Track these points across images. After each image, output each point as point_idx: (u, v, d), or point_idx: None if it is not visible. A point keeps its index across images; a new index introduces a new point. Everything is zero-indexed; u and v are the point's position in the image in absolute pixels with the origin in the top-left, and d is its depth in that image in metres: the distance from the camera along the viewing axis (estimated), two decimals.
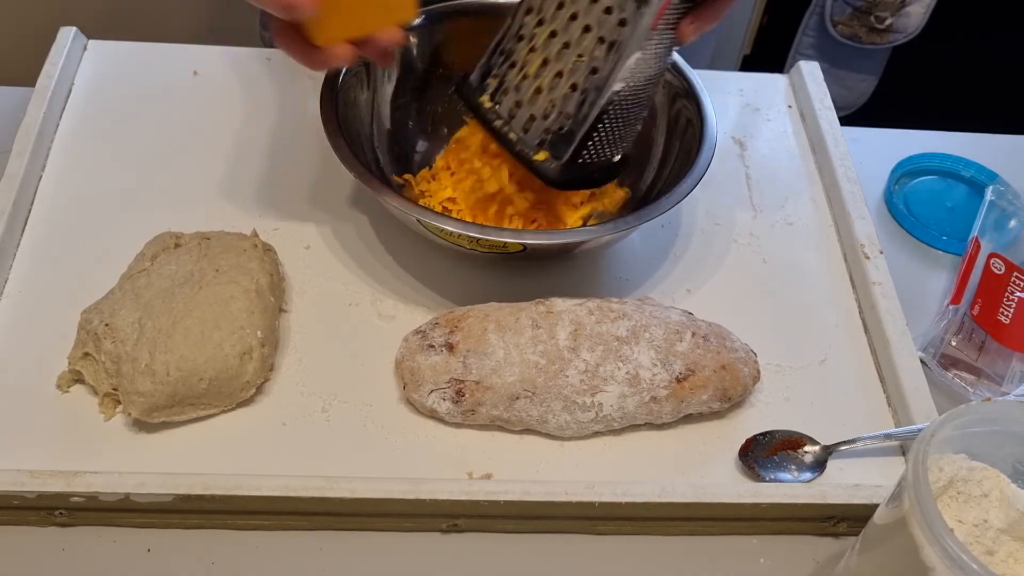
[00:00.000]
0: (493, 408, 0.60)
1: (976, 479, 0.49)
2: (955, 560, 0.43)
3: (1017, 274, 0.73)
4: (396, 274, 0.70)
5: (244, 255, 0.64)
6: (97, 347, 0.59)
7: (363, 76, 0.72)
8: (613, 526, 0.58)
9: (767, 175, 0.80)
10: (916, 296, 0.73)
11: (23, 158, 0.71)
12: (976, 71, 1.65)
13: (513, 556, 0.57)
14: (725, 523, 0.58)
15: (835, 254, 0.75)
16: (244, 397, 0.61)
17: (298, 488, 0.55)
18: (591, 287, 0.71)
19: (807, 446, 0.62)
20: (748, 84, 0.88)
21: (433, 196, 0.72)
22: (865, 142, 0.85)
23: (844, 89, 1.22)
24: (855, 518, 0.58)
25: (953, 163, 0.84)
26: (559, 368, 0.59)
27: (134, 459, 0.58)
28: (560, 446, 0.61)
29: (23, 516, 0.56)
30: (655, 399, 0.60)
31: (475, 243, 0.63)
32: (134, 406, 0.57)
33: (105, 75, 0.82)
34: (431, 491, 0.55)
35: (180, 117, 0.79)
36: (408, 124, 0.77)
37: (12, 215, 0.68)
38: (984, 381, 0.68)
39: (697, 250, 0.74)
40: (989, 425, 0.49)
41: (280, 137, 0.79)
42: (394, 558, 0.57)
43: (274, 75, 0.84)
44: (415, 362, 0.60)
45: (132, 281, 0.62)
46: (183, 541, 0.56)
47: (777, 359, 0.67)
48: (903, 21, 1.07)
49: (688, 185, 0.66)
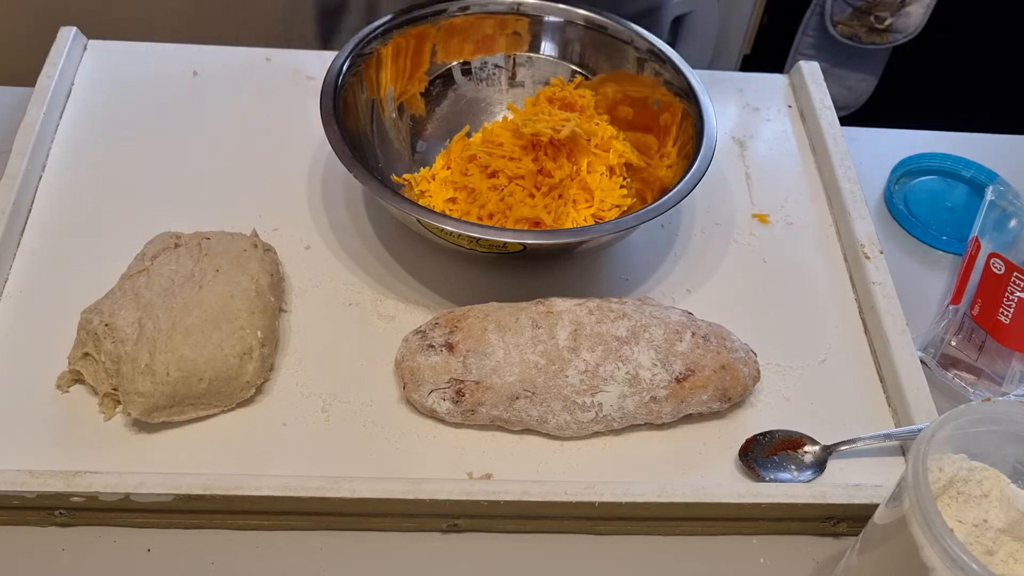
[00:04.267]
0: (493, 408, 0.60)
1: (976, 479, 0.49)
2: (955, 560, 0.43)
3: (1017, 274, 0.73)
4: (396, 274, 0.70)
5: (244, 255, 0.64)
6: (97, 347, 0.59)
7: (363, 76, 0.72)
8: (613, 526, 0.58)
9: (767, 175, 0.80)
10: (916, 296, 0.73)
11: (23, 158, 0.71)
12: (976, 71, 1.66)
13: (513, 556, 0.57)
14: (725, 523, 0.58)
15: (835, 254, 0.75)
16: (244, 397, 0.61)
17: (298, 488, 0.55)
18: (591, 287, 0.71)
19: (807, 446, 0.62)
20: (748, 84, 0.88)
21: (433, 196, 0.72)
22: (865, 142, 0.85)
23: (844, 89, 1.22)
24: (855, 518, 0.58)
25: (953, 163, 0.84)
26: (559, 368, 0.59)
27: (134, 459, 0.58)
28: (560, 446, 0.61)
29: (23, 516, 0.56)
30: (655, 399, 0.60)
31: (475, 243, 0.63)
32: (134, 406, 0.57)
33: (105, 75, 0.82)
34: (431, 491, 0.55)
35: (180, 117, 0.79)
36: (408, 124, 0.77)
37: (12, 215, 0.68)
38: (984, 381, 0.68)
39: (697, 250, 0.74)
40: (989, 425, 0.49)
41: (280, 137, 0.79)
42: (394, 558, 0.57)
43: (274, 75, 0.84)
44: (415, 362, 0.60)
45: (132, 281, 0.62)
46: (183, 541, 0.56)
47: (777, 359, 0.67)
48: (903, 21, 1.07)
49: (688, 185, 0.66)
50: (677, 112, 0.73)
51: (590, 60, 0.79)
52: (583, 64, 0.79)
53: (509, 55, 0.80)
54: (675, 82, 0.74)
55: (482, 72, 0.80)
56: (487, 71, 0.80)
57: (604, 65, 0.78)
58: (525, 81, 0.80)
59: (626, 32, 0.76)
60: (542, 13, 0.78)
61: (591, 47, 0.79)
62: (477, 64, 0.80)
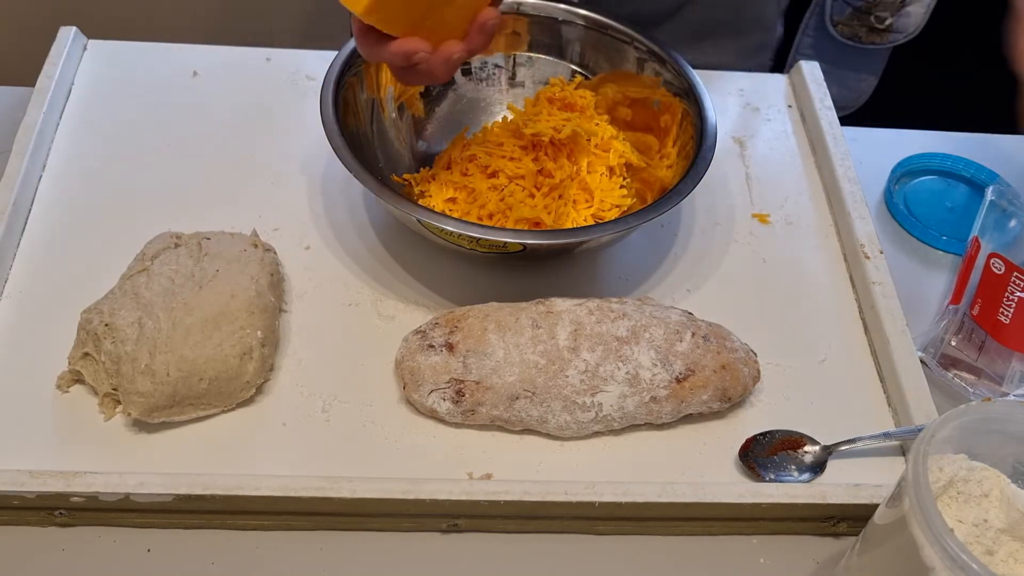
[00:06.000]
0: (493, 408, 0.60)
1: (976, 479, 0.49)
2: (955, 560, 0.43)
3: (1017, 274, 0.73)
4: (396, 274, 0.70)
5: (244, 255, 0.64)
6: (97, 347, 0.59)
7: (363, 76, 0.72)
8: (613, 526, 0.58)
9: (767, 175, 0.80)
10: (916, 296, 0.73)
11: (23, 158, 0.71)
12: (976, 71, 1.65)
13: (513, 556, 0.57)
14: (725, 523, 0.58)
15: (835, 254, 0.75)
16: (244, 397, 0.61)
17: (298, 488, 0.55)
18: (591, 287, 0.71)
19: (807, 446, 0.62)
20: (748, 84, 0.88)
21: (433, 196, 0.72)
22: (865, 142, 0.85)
23: (844, 89, 1.22)
24: (855, 518, 0.58)
25: (953, 163, 0.84)
26: (559, 368, 0.59)
27: (134, 459, 0.58)
28: (560, 446, 0.61)
29: (23, 516, 0.56)
30: (655, 399, 0.60)
31: (475, 243, 0.63)
32: (134, 406, 0.57)
33: (105, 75, 0.82)
34: (431, 491, 0.55)
35: (180, 117, 0.79)
36: (408, 124, 0.77)
37: (12, 215, 0.68)
38: (984, 381, 0.68)
39: (697, 250, 0.74)
40: (989, 425, 0.49)
41: (280, 137, 0.79)
42: (394, 558, 0.57)
43: (274, 75, 0.84)
44: (415, 362, 0.60)
45: (132, 281, 0.62)
46: (183, 541, 0.56)
47: (777, 359, 0.67)
48: (903, 21, 1.07)
49: (688, 185, 0.66)
50: (677, 112, 0.73)
51: (590, 60, 0.79)
52: (583, 64, 0.79)
53: (509, 55, 0.80)
54: (675, 82, 0.74)
55: (482, 72, 0.80)
56: (487, 71, 0.80)
57: (604, 65, 0.78)
58: (525, 81, 0.81)
59: (626, 32, 0.76)
60: (542, 13, 0.78)
61: (591, 47, 0.79)
62: (477, 64, 0.80)
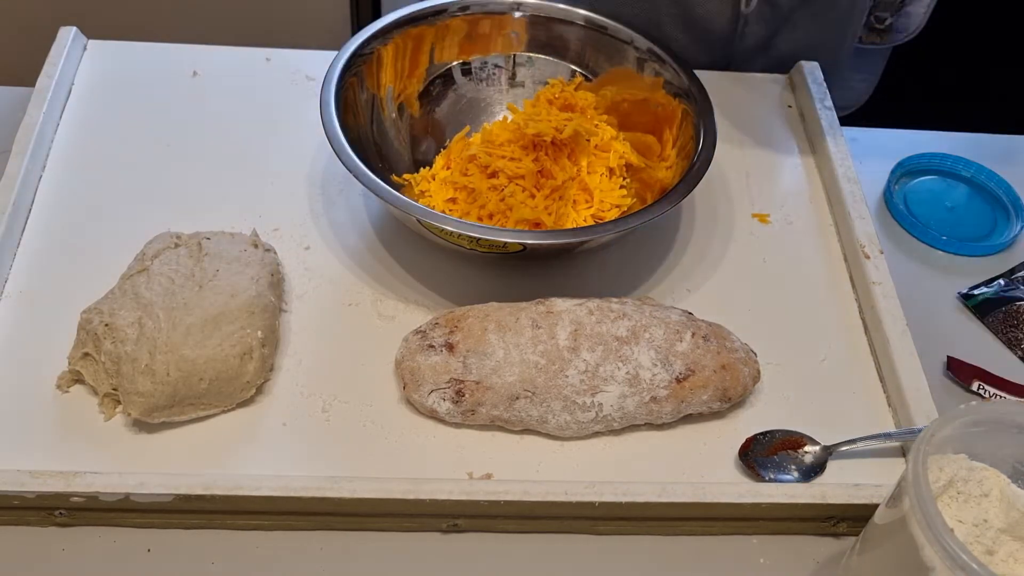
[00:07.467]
0: (493, 408, 0.60)
1: (976, 479, 0.49)
2: (955, 560, 0.43)
3: None
4: (396, 274, 0.70)
5: (244, 255, 0.64)
6: (97, 347, 0.59)
7: (363, 76, 0.72)
8: (613, 526, 0.58)
9: (767, 175, 0.80)
10: (916, 296, 0.73)
11: (23, 158, 0.71)
12: (976, 71, 1.66)
13: (513, 556, 0.57)
14: (725, 523, 0.58)
15: (835, 254, 0.75)
16: (244, 397, 0.61)
17: (298, 488, 0.55)
18: (591, 287, 0.70)
19: (807, 446, 0.62)
20: (748, 84, 0.88)
21: (433, 196, 0.72)
22: (865, 142, 0.85)
23: (844, 89, 1.22)
24: (855, 518, 0.58)
25: (953, 163, 0.84)
26: (559, 368, 0.59)
27: (134, 459, 0.58)
28: (560, 446, 0.61)
29: (23, 516, 0.56)
30: (655, 399, 0.60)
31: (475, 243, 0.63)
32: (134, 406, 0.57)
33: (105, 75, 0.82)
34: (431, 491, 0.55)
35: (180, 117, 0.79)
36: (408, 124, 0.77)
37: (12, 215, 0.68)
38: None
39: (697, 250, 0.74)
40: (989, 425, 0.49)
41: (280, 137, 0.79)
42: (394, 558, 0.57)
43: (274, 75, 0.84)
44: (415, 362, 0.60)
45: (132, 281, 0.62)
46: (183, 541, 0.56)
47: (777, 359, 0.67)
48: (903, 21, 1.07)
49: (688, 185, 0.66)
50: (677, 112, 0.73)
51: (590, 60, 0.79)
52: (583, 64, 0.79)
53: (509, 55, 0.80)
54: (675, 82, 0.74)
55: (482, 72, 0.80)
56: (487, 71, 0.80)
57: (604, 65, 0.78)
58: (525, 81, 0.81)
59: (626, 32, 0.76)
60: (542, 13, 0.78)
61: (591, 47, 0.79)
62: (477, 64, 0.80)
